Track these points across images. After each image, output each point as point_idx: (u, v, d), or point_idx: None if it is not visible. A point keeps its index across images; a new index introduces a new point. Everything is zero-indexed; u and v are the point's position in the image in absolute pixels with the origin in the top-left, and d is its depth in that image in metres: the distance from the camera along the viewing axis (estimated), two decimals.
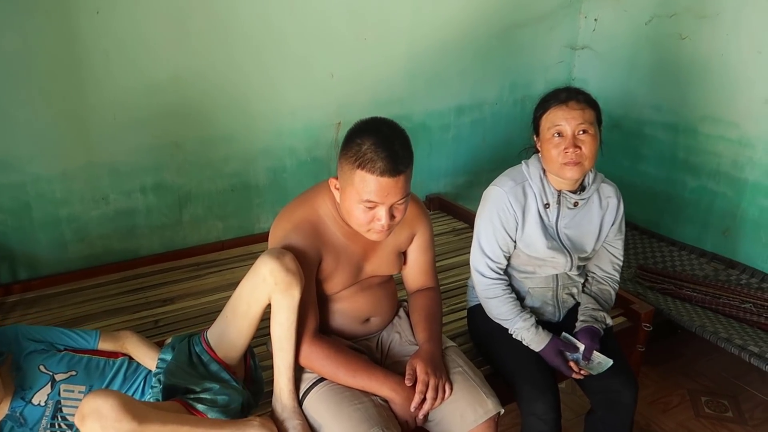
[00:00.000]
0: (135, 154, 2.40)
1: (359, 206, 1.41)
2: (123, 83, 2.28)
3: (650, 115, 3.10)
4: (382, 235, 1.47)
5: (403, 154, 1.39)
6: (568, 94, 1.63)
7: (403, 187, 1.40)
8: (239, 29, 2.42)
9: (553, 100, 1.63)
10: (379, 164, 1.35)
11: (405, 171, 1.40)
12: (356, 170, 1.38)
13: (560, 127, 1.61)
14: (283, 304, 1.40)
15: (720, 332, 2.28)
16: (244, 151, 2.62)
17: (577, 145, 1.59)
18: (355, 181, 1.39)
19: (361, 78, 2.78)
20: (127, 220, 2.47)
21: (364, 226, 1.45)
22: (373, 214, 1.42)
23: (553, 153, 1.62)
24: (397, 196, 1.40)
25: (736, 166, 2.76)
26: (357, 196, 1.40)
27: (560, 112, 1.61)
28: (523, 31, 3.17)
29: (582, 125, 1.59)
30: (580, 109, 1.60)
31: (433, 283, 1.76)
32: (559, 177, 1.66)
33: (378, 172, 1.36)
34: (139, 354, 1.56)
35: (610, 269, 1.85)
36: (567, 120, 1.60)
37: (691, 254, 2.92)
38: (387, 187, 1.38)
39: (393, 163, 1.36)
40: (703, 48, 2.81)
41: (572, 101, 1.61)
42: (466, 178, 3.32)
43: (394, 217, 1.44)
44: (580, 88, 1.67)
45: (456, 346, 1.72)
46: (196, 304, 2.24)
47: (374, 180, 1.37)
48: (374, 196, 1.38)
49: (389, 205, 1.41)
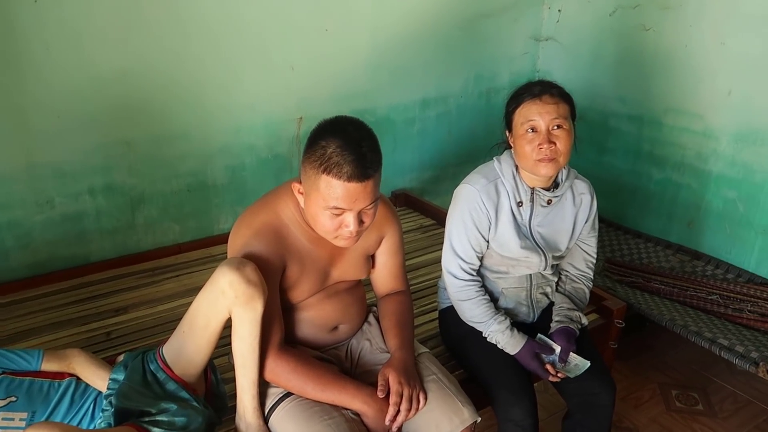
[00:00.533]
0: (82, 154, 2.25)
1: (325, 212, 1.32)
2: (67, 77, 2.12)
3: (615, 107, 3.09)
4: (351, 241, 1.38)
5: (372, 157, 1.30)
6: (542, 87, 1.56)
7: (372, 191, 1.32)
8: (194, 18, 2.28)
9: (526, 94, 1.57)
10: (346, 169, 1.26)
11: (374, 175, 1.31)
12: (321, 175, 1.28)
13: (534, 122, 1.54)
14: (244, 318, 1.30)
15: (690, 325, 2.27)
16: (201, 149, 2.48)
17: (551, 141, 1.53)
18: (320, 187, 1.29)
19: (323, 70, 2.67)
20: (75, 224, 2.32)
21: (331, 233, 1.36)
22: (341, 220, 1.33)
23: (527, 149, 1.55)
24: (365, 202, 1.32)
25: (700, 158, 2.77)
26: (323, 203, 1.31)
27: (534, 106, 1.55)
28: (487, 22, 3.11)
29: (556, 120, 1.53)
30: (554, 104, 1.54)
31: (403, 286, 1.68)
32: (533, 174, 1.60)
33: (345, 177, 1.27)
34: (88, 374, 1.43)
35: (584, 267, 1.80)
36: (541, 115, 1.53)
37: (657, 246, 2.93)
38: (355, 193, 1.29)
39: (361, 167, 1.27)
40: (667, 39, 2.80)
41: (546, 95, 1.55)
42: (433, 173, 3.25)
43: (362, 222, 1.36)
44: (553, 81, 1.61)
45: (429, 352, 1.65)
46: (152, 313, 2.11)
47: (341, 185, 1.28)
48: (341, 203, 1.30)
49: (357, 210, 1.32)
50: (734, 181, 2.67)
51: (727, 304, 2.45)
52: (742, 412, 2.30)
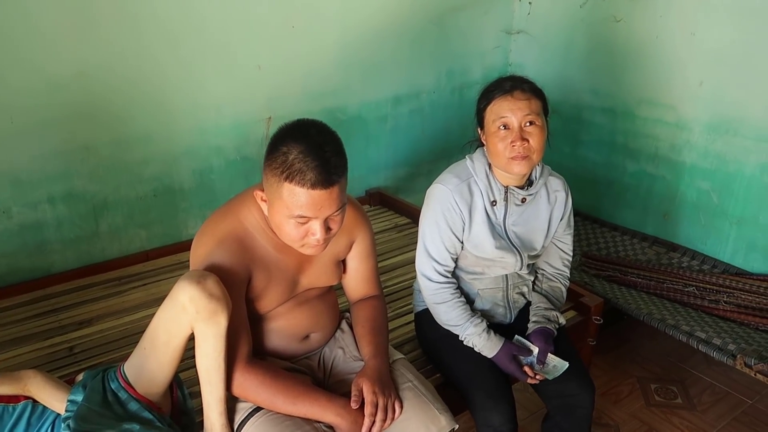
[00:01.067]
0: (39, 161, 2.15)
1: (290, 221, 1.26)
2: (18, 82, 2.02)
3: (588, 99, 3.07)
4: (318, 249, 1.33)
5: (336, 162, 1.24)
6: (513, 83, 1.52)
7: (338, 197, 1.26)
8: (151, 16, 2.19)
9: (497, 90, 1.52)
10: (309, 175, 1.20)
11: (339, 180, 1.25)
12: (284, 183, 1.22)
13: (506, 119, 1.50)
14: (208, 334, 1.23)
15: (667, 319, 2.26)
16: (165, 152, 2.40)
17: (524, 138, 1.49)
18: (283, 195, 1.23)
19: (291, 69, 2.60)
20: (34, 234, 2.22)
21: (297, 242, 1.31)
22: (307, 228, 1.28)
23: (500, 147, 1.51)
24: (332, 208, 1.26)
25: (674, 150, 2.76)
26: (287, 211, 1.25)
27: (505, 102, 1.50)
28: (458, 16, 3.06)
29: (529, 116, 1.49)
30: (526, 99, 1.50)
31: (376, 290, 1.63)
32: (506, 172, 1.55)
33: (309, 184, 1.21)
34: (45, 396, 1.36)
35: (560, 265, 1.77)
36: (513, 111, 1.49)
37: (633, 239, 2.92)
38: (320, 200, 1.23)
39: (325, 173, 1.21)
40: (638, 30, 2.78)
41: (517, 91, 1.51)
42: (407, 170, 3.20)
43: (330, 229, 1.30)
44: (525, 76, 1.57)
45: (404, 358, 1.61)
46: (118, 325, 2.03)
47: (305, 193, 1.22)
48: (306, 211, 1.24)
49: (324, 218, 1.27)
50: (707, 172, 2.66)
51: (704, 295, 2.45)
52: (720, 404, 2.30)
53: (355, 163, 2.98)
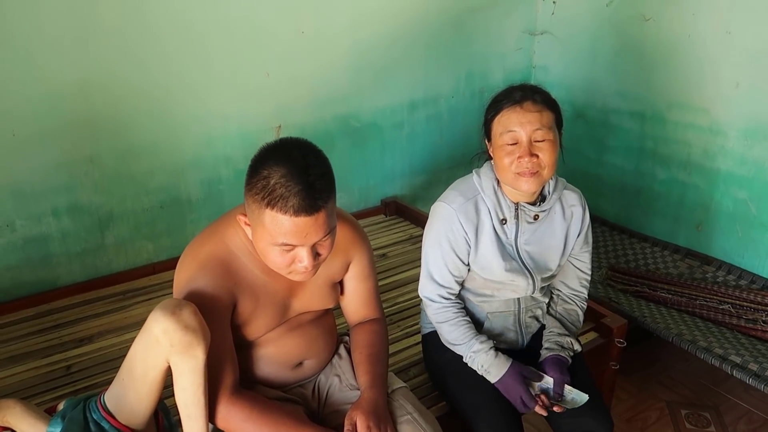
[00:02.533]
0: (42, 173, 2.11)
1: (275, 249, 1.17)
2: (20, 93, 1.99)
3: (615, 103, 2.91)
4: (307, 275, 1.24)
5: (321, 186, 1.14)
6: (523, 93, 1.40)
7: (324, 223, 1.16)
8: (155, 24, 2.14)
9: (506, 101, 1.40)
10: (292, 202, 1.10)
11: (325, 205, 1.15)
12: (265, 210, 1.13)
13: (514, 132, 1.38)
14: (184, 368, 1.15)
15: (699, 340, 2.10)
16: (172, 163, 2.34)
17: (533, 153, 1.37)
18: (265, 222, 1.14)
19: (301, 75, 2.52)
20: (39, 247, 2.19)
21: (283, 269, 1.22)
22: (293, 255, 1.18)
23: (506, 161, 1.39)
24: (318, 235, 1.17)
25: (707, 156, 2.59)
26: (270, 239, 1.15)
27: (514, 114, 1.38)
28: (477, 17, 2.94)
29: (539, 131, 1.37)
30: (537, 111, 1.38)
31: (376, 313, 1.53)
32: (513, 188, 1.44)
33: (291, 211, 1.11)
34: (24, 427, 1.29)
35: (578, 286, 1.64)
36: (522, 124, 1.37)
37: (664, 250, 2.75)
38: (305, 228, 1.14)
39: (309, 198, 1.11)
40: (668, 29, 2.61)
41: (528, 102, 1.39)
42: (425, 178, 3.09)
43: (318, 255, 1.21)
44: (537, 85, 1.44)
45: (406, 387, 1.50)
46: (118, 343, 1.97)
47: (288, 221, 1.12)
48: (291, 239, 1.15)
49: (311, 245, 1.17)
50: (745, 180, 2.48)
51: (740, 314, 2.28)
52: None
53: (371, 172, 2.92)
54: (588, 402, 1.44)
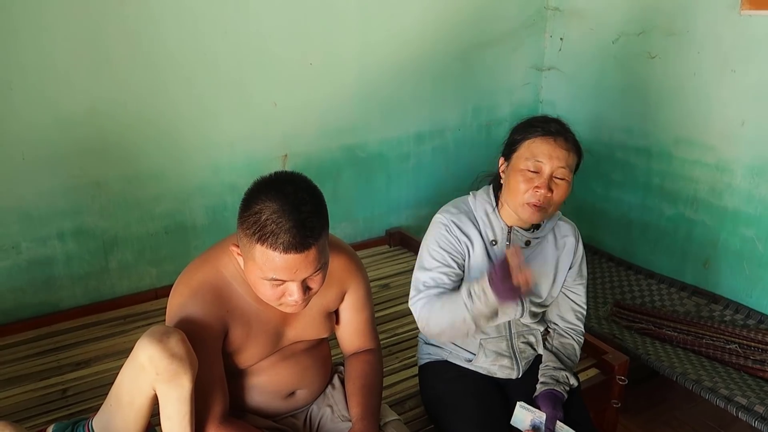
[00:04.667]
0: (49, 197, 2.15)
1: (265, 282, 1.17)
2: (31, 118, 2.04)
3: (621, 138, 2.91)
4: (297, 308, 1.24)
5: (313, 223, 1.13)
6: (560, 128, 1.42)
7: (315, 259, 1.16)
8: (164, 54, 2.19)
9: (541, 129, 1.41)
10: (282, 238, 1.10)
11: (316, 243, 1.15)
12: (256, 245, 1.13)
13: (540, 163, 1.39)
14: (170, 397, 1.14)
15: (704, 380, 2.06)
16: (178, 189, 2.37)
17: (550, 188, 1.38)
18: (255, 257, 1.14)
19: (308, 106, 2.56)
20: (43, 270, 2.21)
21: (274, 302, 1.22)
22: (283, 289, 1.19)
23: (522, 187, 1.40)
24: (308, 271, 1.17)
25: (714, 193, 2.57)
26: (260, 273, 1.16)
27: (546, 145, 1.39)
28: (484, 52, 2.98)
29: (563, 169, 1.39)
30: (566, 150, 1.39)
31: (371, 344, 1.52)
32: (515, 213, 1.44)
33: (281, 248, 1.11)
34: None
35: (573, 319, 1.62)
36: (551, 158, 1.38)
37: (671, 288, 2.71)
38: (294, 264, 1.14)
39: (300, 236, 1.11)
40: (674, 67, 2.62)
41: (561, 138, 1.40)
42: (430, 210, 3.03)
43: (309, 288, 1.21)
44: (568, 126, 1.46)
45: (399, 420, 1.48)
46: (115, 367, 1.94)
47: (278, 257, 1.12)
48: (280, 275, 1.15)
49: (301, 280, 1.18)
50: (752, 218, 2.46)
51: (747, 354, 2.23)
52: None
53: (376, 202, 2.93)
54: None
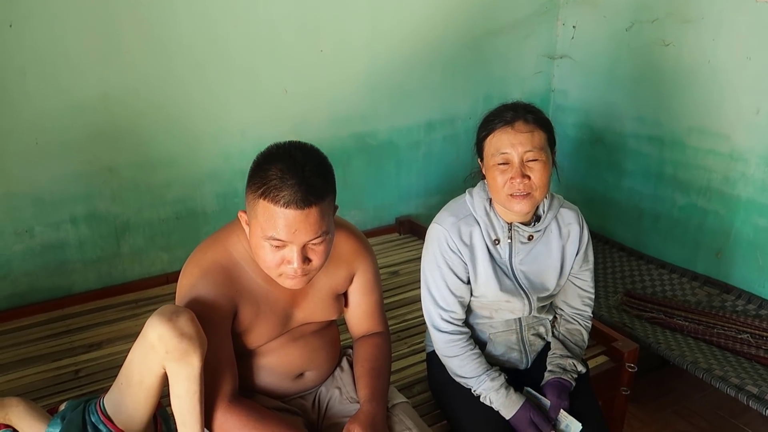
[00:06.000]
0: (62, 182, 2.17)
1: (265, 245, 1.18)
2: (44, 103, 2.05)
3: (634, 127, 2.89)
4: (297, 281, 1.23)
5: (316, 183, 1.15)
6: (515, 113, 1.39)
7: (315, 222, 1.17)
8: (176, 41, 2.20)
9: (498, 120, 1.40)
10: (284, 193, 1.12)
11: (317, 203, 1.16)
12: (259, 200, 1.15)
13: (506, 154, 1.37)
14: (180, 375, 1.15)
15: (714, 369, 2.04)
16: (189, 176, 2.38)
17: (525, 175, 1.36)
18: (258, 213, 1.16)
19: (318, 93, 2.56)
20: (56, 254, 2.23)
21: (273, 269, 1.22)
22: (283, 255, 1.19)
23: (499, 181, 1.38)
24: (308, 234, 1.17)
25: (727, 182, 2.54)
26: (261, 232, 1.17)
27: (505, 135, 1.37)
28: (496, 40, 2.96)
29: (530, 152, 1.36)
30: (528, 132, 1.36)
31: (380, 327, 1.52)
32: (506, 209, 1.43)
33: (282, 202, 1.13)
34: (25, 427, 1.31)
35: (580, 305, 1.60)
36: (513, 145, 1.36)
37: (682, 278, 2.69)
38: (294, 222, 1.14)
39: (301, 192, 1.13)
40: (688, 54, 2.59)
41: (519, 122, 1.37)
42: (440, 199, 3.08)
43: (309, 260, 1.21)
44: (531, 104, 1.43)
45: (407, 402, 1.48)
46: (127, 349, 1.91)
47: (279, 212, 1.14)
48: (280, 233, 1.15)
49: (300, 244, 1.18)
50: (766, 208, 2.43)
51: (759, 344, 2.21)
52: None
53: (386, 190, 2.93)
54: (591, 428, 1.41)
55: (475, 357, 1.47)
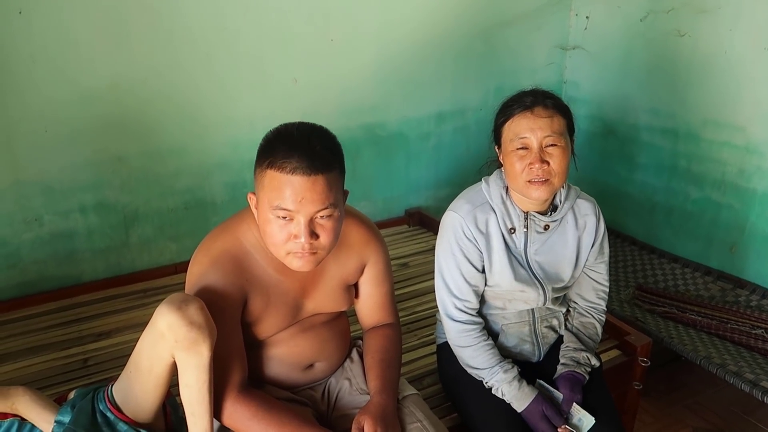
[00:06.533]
0: (71, 171, 2.16)
1: (273, 219, 1.17)
2: (53, 92, 2.04)
3: (647, 119, 2.85)
4: (306, 261, 1.20)
5: (323, 153, 1.16)
6: (534, 98, 1.37)
7: (322, 192, 1.16)
8: (185, 30, 2.18)
9: (517, 106, 1.38)
10: (290, 160, 1.13)
11: (323, 172, 1.15)
12: (267, 171, 1.16)
13: (525, 139, 1.35)
14: (189, 364, 1.14)
15: (728, 364, 2.01)
16: (197, 165, 2.37)
17: (544, 160, 1.34)
18: (265, 185, 1.17)
19: (328, 83, 2.53)
20: (65, 243, 2.23)
21: (281, 247, 1.20)
22: (290, 230, 1.17)
23: (517, 168, 1.36)
24: (315, 204, 1.16)
25: (743, 176, 2.50)
26: (268, 204, 1.17)
27: (524, 120, 1.36)
28: (508, 31, 2.93)
29: (550, 137, 1.34)
30: (547, 117, 1.35)
31: (391, 318, 1.51)
32: (524, 196, 1.40)
33: (289, 168, 1.13)
34: (33, 416, 1.30)
35: (594, 298, 1.58)
36: (533, 130, 1.34)
37: (695, 272, 2.66)
38: (301, 189, 1.14)
39: (308, 160, 1.13)
40: (704, 45, 2.55)
41: (538, 107, 1.36)
42: (450, 190, 3.05)
43: (317, 236, 1.19)
44: (549, 90, 1.41)
45: (417, 394, 1.46)
46: (135, 339, 1.92)
47: (285, 180, 1.14)
48: (286, 201, 1.14)
49: (308, 216, 1.16)
50: None
51: None
52: None
53: (395, 182, 2.91)
54: (605, 423, 1.39)
55: (488, 348, 1.45)
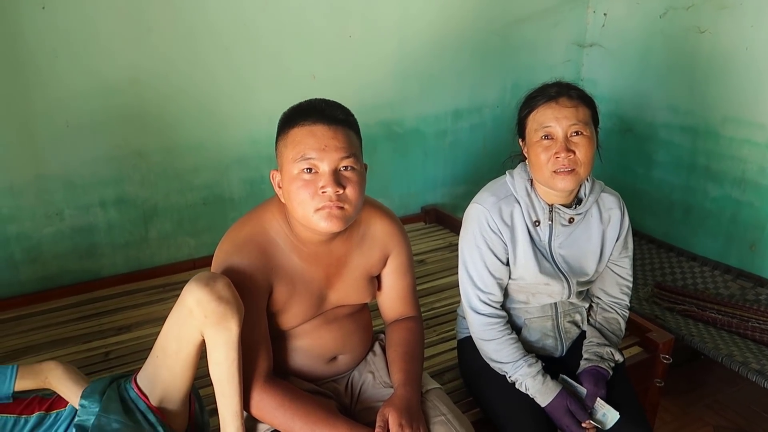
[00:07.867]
0: (92, 166, 2.17)
1: (298, 175, 1.19)
2: (75, 86, 2.06)
3: (666, 117, 2.83)
4: (335, 219, 1.19)
5: (342, 110, 1.24)
6: (559, 89, 1.37)
7: (344, 140, 1.20)
8: (205, 25, 2.19)
9: (541, 97, 1.37)
10: (312, 115, 1.20)
11: (343, 125, 1.22)
12: (289, 132, 1.21)
13: (550, 128, 1.35)
14: (218, 341, 1.14)
15: (750, 362, 2.00)
16: (216, 161, 2.38)
17: (569, 150, 1.33)
18: (288, 146, 1.21)
19: (347, 79, 2.54)
20: (85, 237, 2.24)
21: (308, 204, 1.19)
22: (316, 186, 1.19)
23: (542, 158, 1.36)
24: (338, 151, 1.19)
25: (763, 173, 2.48)
26: (292, 160, 1.19)
27: (549, 110, 1.35)
28: (525, 28, 2.92)
29: (575, 126, 1.34)
30: (573, 107, 1.34)
31: (413, 311, 1.50)
32: (549, 188, 1.40)
33: (310, 120, 1.20)
34: (64, 389, 1.29)
35: (618, 293, 1.57)
36: (558, 120, 1.34)
37: (715, 271, 2.64)
38: (323, 137, 1.18)
39: (328, 111, 1.21)
40: (725, 42, 2.53)
41: (563, 97, 1.35)
42: (466, 188, 3.06)
43: (343, 187, 1.20)
44: (572, 82, 1.41)
45: (440, 388, 1.46)
46: (155, 332, 1.92)
47: (307, 131, 1.19)
48: (310, 150, 1.18)
49: (332, 166, 1.18)
50: None
51: None
52: None
53: (412, 179, 2.91)
54: (628, 417, 1.38)
55: (512, 342, 1.45)
